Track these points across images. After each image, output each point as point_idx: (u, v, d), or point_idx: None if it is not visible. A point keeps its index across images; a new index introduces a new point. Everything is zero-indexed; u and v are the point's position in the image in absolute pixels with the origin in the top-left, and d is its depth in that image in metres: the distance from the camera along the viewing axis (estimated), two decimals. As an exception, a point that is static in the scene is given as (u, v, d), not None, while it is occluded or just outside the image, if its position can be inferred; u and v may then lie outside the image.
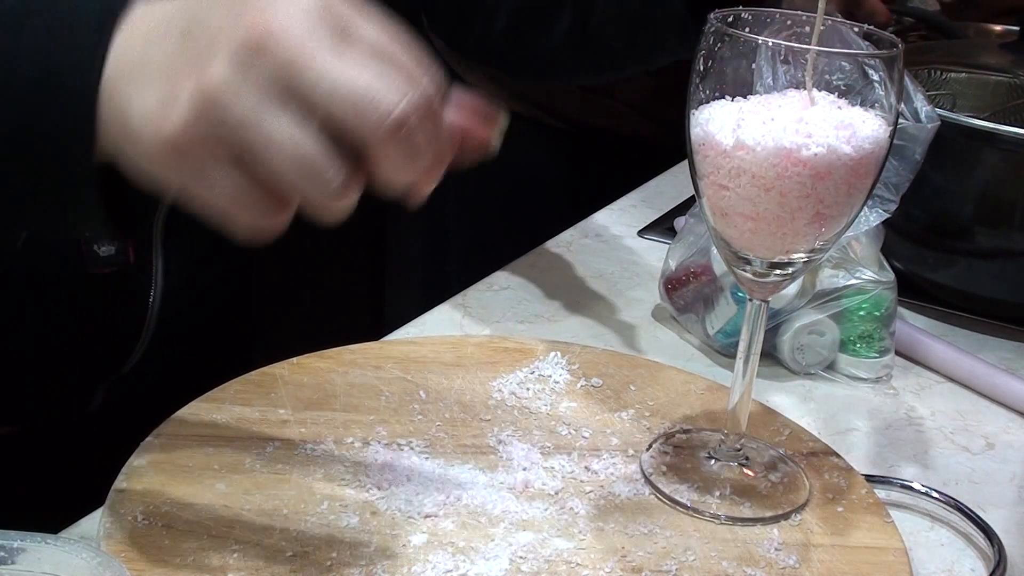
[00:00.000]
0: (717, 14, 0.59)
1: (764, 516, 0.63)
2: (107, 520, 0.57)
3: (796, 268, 0.61)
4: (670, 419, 0.71)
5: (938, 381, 0.84)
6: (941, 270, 0.94)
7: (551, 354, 0.77)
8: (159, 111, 0.45)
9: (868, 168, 0.57)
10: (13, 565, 0.47)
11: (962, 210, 0.91)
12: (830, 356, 0.83)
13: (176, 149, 0.45)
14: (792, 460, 0.68)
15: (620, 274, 0.96)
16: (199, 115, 0.45)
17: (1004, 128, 0.87)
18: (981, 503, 0.69)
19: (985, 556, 0.65)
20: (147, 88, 0.46)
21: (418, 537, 0.58)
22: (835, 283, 0.82)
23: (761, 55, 0.57)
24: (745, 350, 0.64)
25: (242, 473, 0.62)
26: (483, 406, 0.71)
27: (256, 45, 0.45)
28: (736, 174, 0.57)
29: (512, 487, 0.63)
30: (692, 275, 0.85)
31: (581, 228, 1.05)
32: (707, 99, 0.58)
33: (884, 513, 0.64)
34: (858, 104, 0.57)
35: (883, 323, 0.82)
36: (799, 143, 0.55)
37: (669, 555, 0.59)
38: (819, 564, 0.60)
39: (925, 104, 0.79)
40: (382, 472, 0.63)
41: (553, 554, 0.58)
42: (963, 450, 0.76)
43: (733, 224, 0.59)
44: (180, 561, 0.55)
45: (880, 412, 0.80)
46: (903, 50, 0.57)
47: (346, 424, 0.67)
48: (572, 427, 0.69)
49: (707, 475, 0.66)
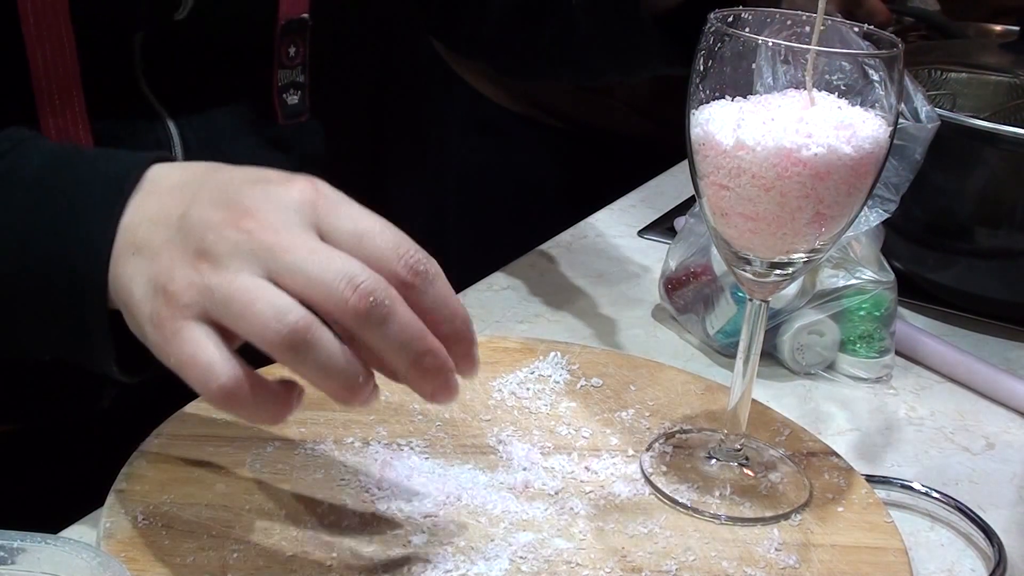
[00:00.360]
0: (717, 14, 0.59)
1: (764, 516, 0.63)
2: (107, 520, 0.57)
3: (796, 268, 0.61)
4: (670, 419, 0.71)
5: (938, 381, 0.84)
6: (941, 270, 0.94)
7: (551, 354, 0.77)
8: (152, 292, 0.50)
9: (868, 168, 0.57)
10: (13, 565, 0.47)
11: (962, 210, 0.91)
12: (830, 356, 0.83)
13: (163, 323, 0.49)
14: (792, 460, 0.68)
15: (620, 274, 0.96)
16: (187, 292, 0.49)
17: (1004, 128, 0.87)
18: (981, 503, 0.69)
19: (985, 556, 0.65)
20: (146, 264, 0.51)
21: (418, 537, 0.58)
22: (835, 283, 0.82)
23: (761, 55, 0.57)
24: (745, 350, 0.64)
25: (242, 473, 0.62)
26: (483, 406, 0.71)
27: (243, 235, 0.49)
28: (736, 174, 0.57)
29: (512, 487, 0.63)
30: (692, 275, 0.85)
31: (581, 228, 1.05)
32: (707, 99, 0.58)
33: (884, 513, 0.64)
34: (858, 104, 0.57)
35: (883, 323, 0.82)
36: (799, 143, 0.55)
37: (669, 555, 0.59)
38: (819, 564, 0.60)
39: (925, 104, 0.79)
40: (382, 472, 0.63)
41: (553, 554, 0.58)
42: (963, 450, 0.76)
43: (733, 224, 0.59)
44: (180, 561, 0.55)
45: (880, 412, 0.80)
46: (903, 50, 0.57)
47: (346, 424, 0.67)
48: (572, 427, 0.69)
49: (707, 475, 0.66)
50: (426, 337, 0.50)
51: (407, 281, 0.50)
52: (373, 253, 0.50)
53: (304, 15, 0.76)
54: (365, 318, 0.48)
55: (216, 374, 0.48)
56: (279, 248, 0.49)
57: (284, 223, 0.49)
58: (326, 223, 0.50)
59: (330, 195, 0.51)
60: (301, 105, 0.79)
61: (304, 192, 0.51)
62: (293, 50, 0.76)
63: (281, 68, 0.77)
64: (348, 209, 0.51)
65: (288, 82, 0.78)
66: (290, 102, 0.78)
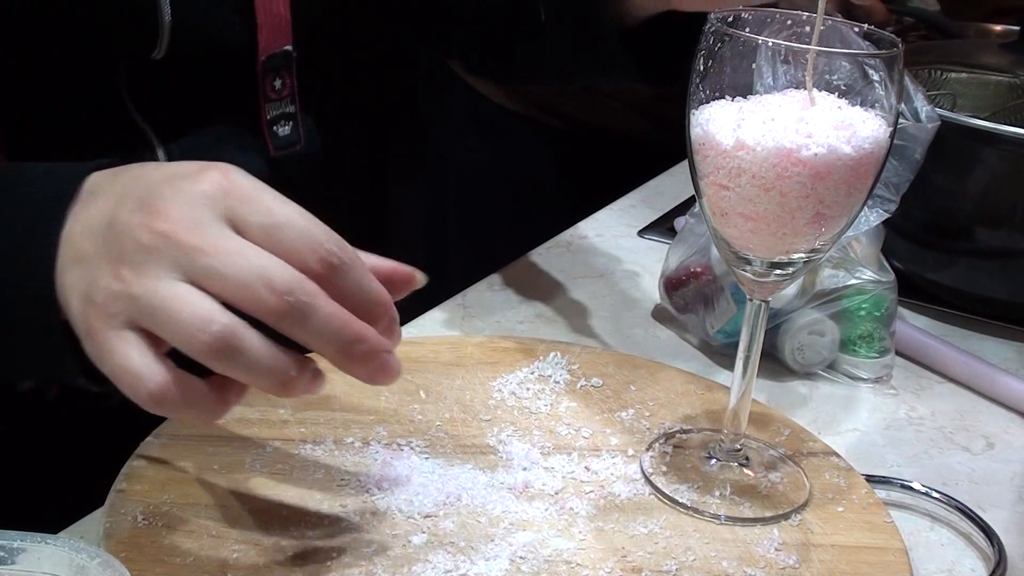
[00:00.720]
0: (717, 14, 0.59)
1: (764, 516, 0.63)
2: (107, 520, 0.57)
3: (796, 268, 0.61)
4: (670, 419, 0.71)
5: (938, 381, 0.84)
6: (941, 270, 0.94)
7: (551, 354, 0.77)
8: (84, 303, 0.51)
9: (868, 168, 0.57)
10: (13, 565, 0.47)
11: (962, 210, 0.91)
12: (830, 356, 0.83)
13: (94, 334, 0.50)
14: (792, 460, 0.68)
15: (620, 274, 0.96)
16: (112, 302, 0.50)
17: (1004, 128, 0.87)
18: (981, 503, 0.69)
19: (985, 556, 0.65)
20: (80, 274, 0.52)
21: (418, 537, 0.58)
22: (835, 283, 0.82)
23: (761, 55, 0.57)
24: (745, 350, 0.64)
25: (242, 473, 0.62)
26: (483, 406, 0.71)
27: (158, 239, 0.50)
28: (736, 174, 0.57)
29: (512, 487, 0.63)
30: (692, 275, 0.85)
31: (581, 228, 1.05)
32: (707, 99, 0.58)
33: (884, 513, 0.64)
34: (858, 104, 0.57)
35: (883, 323, 0.82)
36: (799, 143, 0.55)
37: (669, 555, 0.59)
38: (819, 564, 0.60)
39: (925, 104, 0.79)
40: (382, 472, 0.63)
41: (553, 554, 0.58)
42: (963, 450, 0.76)
43: (733, 224, 0.59)
44: (180, 561, 0.55)
45: (880, 412, 0.80)
46: (903, 50, 0.57)
47: (346, 424, 0.67)
48: (572, 427, 0.69)
49: (707, 475, 0.66)
50: (352, 325, 0.51)
51: (321, 273, 0.50)
52: (285, 244, 0.50)
53: (287, 47, 0.75)
54: (285, 317, 0.49)
55: (145, 381, 0.49)
56: (195, 250, 0.49)
57: (197, 220, 0.50)
58: (238, 215, 0.51)
59: (242, 184, 0.51)
60: (294, 135, 0.78)
61: (215, 184, 0.51)
62: (279, 83, 0.76)
63: (268, 102, 0.76)
64: (260, 199, 0.51)
65: (278, 114, 0.77)
66: (281, 133, 0.78)
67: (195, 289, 0.49)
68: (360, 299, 0.52)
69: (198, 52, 0.72)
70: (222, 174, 0.52)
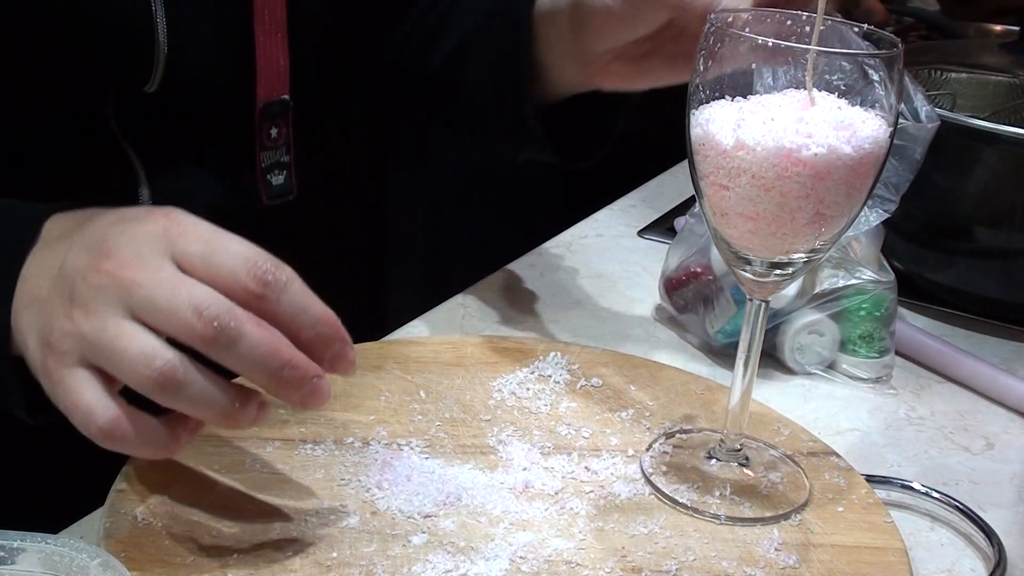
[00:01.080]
0: (717, 14, 0.59)
1: (764, 516, 0.63)
2: (107, 520, 0.57)
3: (796, 268, 0.61)
4: (670, 419, 0.71)
5: (938, 381, 0.84)
6: (941, 270, 0.94)
7: (551, 354, 0.77)
8: (39, 343, 0.53)
9: (868, 168, 0.57)
10: (13, 565, 0.47)
11: (962, 210, 0.91)
12: (830, 356, 0.83)
13: (49, 372, 0.52)
14: (792, 460, 0.68)
15: (620, 274, 0.96)
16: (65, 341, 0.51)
17: (1004, 128, 0.87)
18: (981, 503, 0.69)
19: (985, 556, 0.65)
20: (36, 315, 0.54)
21: (418, 537, 0.58)
22: (835, 283, 0.82)
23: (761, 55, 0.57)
24: (745, 350, 0.64)
25: (242, 473, 0.62)
26: (483, 406, 0.71)
27: (104, 278, 0.51)
28: (736, 174, 0.57)
29: (512, 487, 0.63)
30: (692, 275, 0.85)
31: (581, 228, 1.05)
32: (707, 99, 0.58)
33: (884, 513, 0.64)
34: (858, 104, 0.57)
35: (883, 323, 0.82)
36: (799, 143, 0.55)
37: (669, 555, 0.59)
38: (819, 564, 0.60)
39: (925, 104, 0.79)
40: (382, 472, 0.63)
41: (553, 554, 0.58)
42: (963, 450, 0.76)
43: (733, 224, 0.59)
44: (180, 561, 0.55)
45: (880, 412, 0.80)
46: (903, 50, 0.57)
47: (346, 424, 0.67)
48: (572, 427, 0.69)
49: (707, 475, 0.66)
50: (280, 351, 0.51)
51: (257, 292, 0.51)
52: (222, 270, 0.51)
53: (284, 96, 0.75)
54: (212, 343, 0.50)
55: (95, 417, 0.51)
56: (133, 284, 0.51)
57: (139, 258, 0.51)
58: (178, 249, 0.52)
59: (182, 220, 0.53)
60: (287, 185, 0.78)
61: (158, 224, 0.53)
62: (275, 131, 0.76)
63: (263, 150, 0.76)
64: (197, 231, 0.53)
65: (272, 163, 0.77)
66: (275, 182, 0.78)
67: (140, 326, 0.51)
68: (302, 320, 0.52)
69: (192, 89, 0.72)
70: (165, 214, 0.53)
